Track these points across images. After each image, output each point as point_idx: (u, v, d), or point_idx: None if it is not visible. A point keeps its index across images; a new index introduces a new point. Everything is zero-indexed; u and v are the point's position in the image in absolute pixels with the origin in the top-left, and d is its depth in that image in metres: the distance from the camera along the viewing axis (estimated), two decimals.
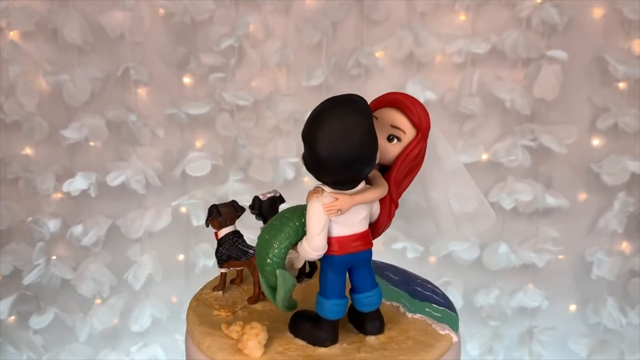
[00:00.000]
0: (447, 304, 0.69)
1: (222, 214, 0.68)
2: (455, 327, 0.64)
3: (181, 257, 1.37)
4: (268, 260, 0.56)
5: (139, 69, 1.22)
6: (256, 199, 0.68)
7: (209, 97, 1.26)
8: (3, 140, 1.24)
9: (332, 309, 0.57)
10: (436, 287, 0.72)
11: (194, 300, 0.70)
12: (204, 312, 0.67)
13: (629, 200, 1.28)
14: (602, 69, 1.25)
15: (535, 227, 1.33)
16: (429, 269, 1.33)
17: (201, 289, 0.73)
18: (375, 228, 0.59)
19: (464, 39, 1.23)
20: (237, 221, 0.70)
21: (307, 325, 0.59)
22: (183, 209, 1.32)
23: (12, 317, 1.32)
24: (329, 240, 0.55)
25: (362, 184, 0.55)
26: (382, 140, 0.57)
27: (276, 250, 0.56)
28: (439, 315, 0.65)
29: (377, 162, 0.55)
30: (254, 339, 0.56)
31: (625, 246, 1.34)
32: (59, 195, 1.27)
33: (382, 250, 1.29)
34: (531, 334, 1.37)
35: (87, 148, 1.26)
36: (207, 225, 0.69)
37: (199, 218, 1.28)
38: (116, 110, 1.23)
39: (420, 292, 0.71)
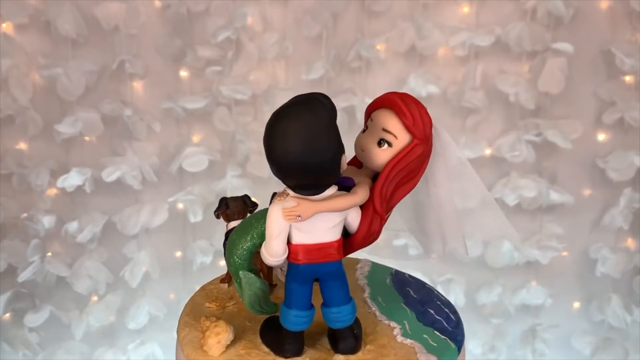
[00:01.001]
0: (453, 333, 0.61)
1: (230, 207, 0.67)
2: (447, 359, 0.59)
3: (178, 253, 1.35)
4: (231, 260, 0.55)
5: (135, 62, 1.20)
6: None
7: (206, 91, 1.24)
8: None
9: (292, 319, 0.54)
10: (453, 313, 0.65)
11: (200, 289, 0.69)
12: (199, 302, 0.66)
13: (635, 196, 1.26)
14: (608, 62, 1.23)
15: (539, 224, 1.31)
16: (431, 266, 1.32)
17: (212, 280, 0.72)
18: (352, 240, 0.54)
19: (468, 31, 1.21)
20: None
21: (272, 333, 0.56)
22: (180, 205, 1.30)
23: (7, 315, 1.30)
24: (291, 247, 0.52)
25: (331, 190, 0.51)
26: (372, 145, 0.54)
27: (239, 252, 0.54)
28: (435, 344, 0.58)
29: (344, 167, 0.51)
30: (214, 338, 0.56)
31: (630, 243, 1.32)
32: (54, 191, 1.25)
33: (383, 247, 1.27)
34: (534, 332, 1.35)
35: (82, 143, 1.24)
36: (218, 217, 0.68)
37: (196, 214, 1.27)
38: (111, 104, 1.21)
39: (431, 314, 0.64)
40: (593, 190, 1.30)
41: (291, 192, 0.51)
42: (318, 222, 0.51)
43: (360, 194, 0.52)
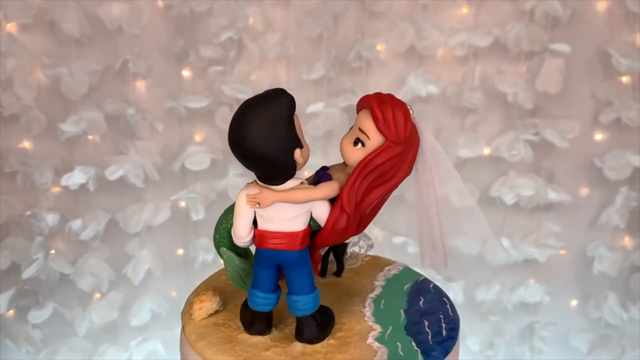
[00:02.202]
0: (431, 348, 0.58)
1: None
2: None
3: (180, 251, 1.36)
4: (214, 237, 0.60)
5: (138, 61, 1.21)
6: None
7: (208, 90, 1.25)
8: (1, 134, 1.23)
9: (253, 300, 0.57)
10: (449, 330, 0.61)
11: (216, 274, 0.71)
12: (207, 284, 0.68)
13: (632, 195, 1.28)
14: (605, 63, 1.24)
15: (537, 222, 1.32)
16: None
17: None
18: (319, 234, 0.56)
19: (466, 32, 1.22)
20: None
21: (247, 311, 0.59)
22: (182, 203, 1.31)
23: (11, 312, 1.32)
24: (255, 232, 0.55)
25: (293, 182, 0.54)
26: (348, 144, 0.55)
27: (221, 231, 0.59)
28: (402, 354, 0.56)
29: (300, 162, 0.53)
30: (198, 304, 0.61)
31: (627, 241, 1.33)
32: (58, 189, 1.26)
33: (382, 244, 1.29)
34: (532, 330, 1.37)
35: (85, 142, 1.25)
36: None
37: (198, 212, 1.28)
38: (115, 103, 1.22)
39: (422, 325, 0.61)
40: (590, 189, 1.31)
41: (259, 182, 0.54)
42: (279, 211, 0.54)
43: (322, 190, 0.54)
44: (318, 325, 0.57)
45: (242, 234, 0.55)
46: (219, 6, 1.20)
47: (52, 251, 1.28)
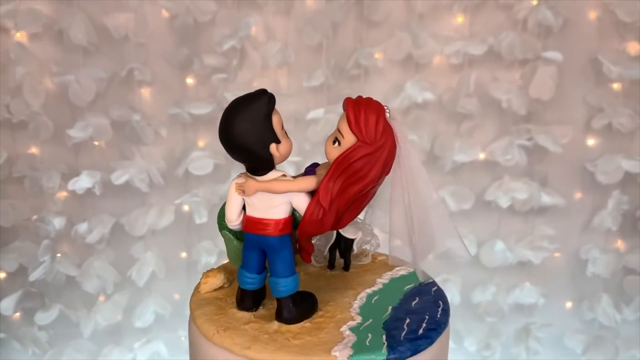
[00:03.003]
0: (399, 343, 0.58)
1: None
2: None
3: (184, 254, 1.39)
4: (218, 220, 0.65)
5: (143, 69, 1.24)
6: None
7: (211, 97, 1.28)
8: (9, 139, 1.26)
9: (241, 278, 0.62)
10: (428, 330, 0.60)
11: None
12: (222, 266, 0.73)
13: (623, 198, 1.31)
14: (596, 70, 1.27)
15: (532, 225, 1.35)
16: (427, 266, 1.36)
17: None
18: (300, 225, 0.60)
19: (462, 40, 1.26)
20: None
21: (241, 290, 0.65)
22: (186, 207, 1.34)
23: (18, 314, 1.34)
24: (243, 217, 0.61)
25: (274, 174, 0.59)
26: (329, 143, 0.59)
27: (222, 214, 0.64)
28: (367, 345, 0.57)
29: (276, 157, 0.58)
30: (204, 279, 0.67)
31: (619, 244, 1.36)
32: (64, 193, 1.29)
33: (381, 245, 1.31)
34: (528, 331, 1.39)
35: (91, 147, 1.28)
36: None
37: (202, 216, 1.31)
38: (120, 110, 1.25)
39: (402, 323, 0.61)
40: (583, 192, 1.34)
41: (247, 173, 0.60)
42: (261, 200, 0.59)
43: (298, 183, 0.58)
44: (297, 308, 0.61)
45: (231, 218, 0.61)
46: (222, 16, 1.23)
47: (59, 254, 1.31)
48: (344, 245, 0.70)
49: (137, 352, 1.38)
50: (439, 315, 0.63)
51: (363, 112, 0.57)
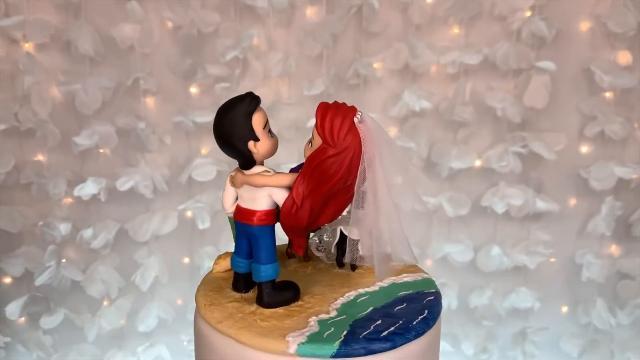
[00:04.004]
0: (354, 342, 0.58)
1: None
2: None
3: (186, 259, 1.41)
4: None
5: (148, 79, 1.27)
6: None
7: (214, 105, 1.29)
8: (17, 146, 1.29)
9: (233, 262, 0.68)
10: (392, 334, 0.60)
11: None
12: None
13: (616, 204, 1.33)
14: (589, 80, 1.31)
15: (527, 231, 1.37)
16: (425, 270, 1.38)
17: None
18: (279, 218, 0.64)
19: (458, 50, 1.29)
20: None
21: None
22: (189, 213, 1.36)
23: (23, 318, 1.36)
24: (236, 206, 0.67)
25: (258, 169, 0.64)
26: (307, 143, 0.64)
27: None
28: (324, 337, 0.58)
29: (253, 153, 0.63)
30: (216, 260, 0.74)
31: (613, 249, 1.39)
32: (70, 199, 1.32)
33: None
34: (524, 334, 1.41)
35: (97, 154, 1.31)
36: None
37: (204, 221, 1.33)
38: (126, 118, 1.28)
39: (373, 324, 0.61)
40: (577, 198, 1.37)
41: (239, 168, 0.66)
42: (246, 192, 0.65)
43: (275, 178, 0.63)
44: (275, 294, 0.65)
45: (225, 206, 0.68)
46: (225, 27, 1.26)
47: (64, 259, 1.33)
48: (347, 246, 0.71)
49: (140, 356, 1.40)
50: (414, 322, 0.62)
51: (329, 116, 0.61)
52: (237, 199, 0.67)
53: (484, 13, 1.29)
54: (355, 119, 0.62)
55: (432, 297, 0.68)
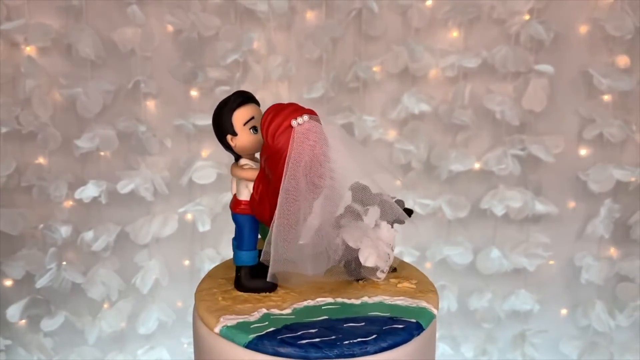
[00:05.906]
0: (263, 340, 0.60)
1: None
2: None
3: (187, 262, 1.41)
4: None
5: (149, 82, 1.28)
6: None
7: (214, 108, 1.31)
8: (18, 149, 1.29)
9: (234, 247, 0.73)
10: (313, 346, 0.59)
11: None
12: None
13: (615, 207, 1.34)
14: (587, 83, 1.31)
15: (526, 233, 1.38)
16: (425, 273, 1.38)
17: None
18: None
19: (457, 54, 1.30)
20: None
21: None
22: (189, 216, 1.37)
23: (24, 321, 1.36)
24: None
25: (244, 161, 0.68)
26: None
27: None
28: (236, 329, 0.61)
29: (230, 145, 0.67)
30: None
31: (612, 251, 1.39)
32: (71, 202, 1.32)
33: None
34: (524, 337, 1.41)
35: (98, 157, 1.31)
36: None
37: (205, 224, 1.33)
38: (126, 121, 1.28)
39: (301, 329, 0.61)
40: (576, 201, 1.38)
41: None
42: (234, 182, 0.70)
43: (247, 172, 0.67)
44: (249, 281, 0.69)
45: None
46: (225, 31, 1.27)
47: (65, 262, 1.34)
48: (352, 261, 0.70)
49: (140, 359, 1.40)
50: (346, 342, 0.59)
51: (270, 116, 0.63)
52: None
53: (483, 16, 1.30)
54: (294, 122, 0.61)
55: (400, 326, 0.62)
